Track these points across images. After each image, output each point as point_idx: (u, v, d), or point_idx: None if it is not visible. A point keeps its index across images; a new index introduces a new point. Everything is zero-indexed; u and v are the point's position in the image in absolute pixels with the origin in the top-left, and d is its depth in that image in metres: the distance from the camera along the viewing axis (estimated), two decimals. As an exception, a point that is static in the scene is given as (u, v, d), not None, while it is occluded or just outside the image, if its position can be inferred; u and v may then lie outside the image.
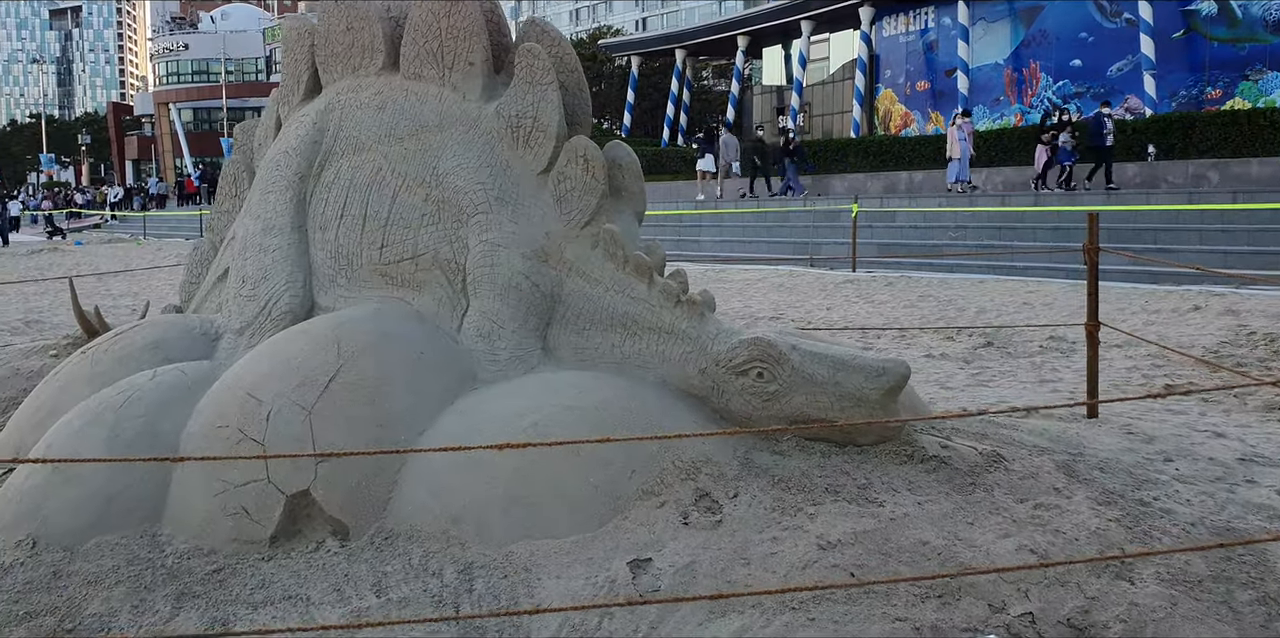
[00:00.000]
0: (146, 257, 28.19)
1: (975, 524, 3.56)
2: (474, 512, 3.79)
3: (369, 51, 5.33)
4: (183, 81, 70.75)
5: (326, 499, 3.97)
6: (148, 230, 39.02)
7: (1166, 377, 7.83)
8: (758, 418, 4.15)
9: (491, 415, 4.07)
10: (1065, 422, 5.96)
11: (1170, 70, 24.27)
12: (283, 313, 5.01)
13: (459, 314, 4.68)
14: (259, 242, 5.29)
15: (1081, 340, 9.69)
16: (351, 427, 4.10)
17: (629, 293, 4.49)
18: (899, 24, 32.13)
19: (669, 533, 3.56)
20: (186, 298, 6.22)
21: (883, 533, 3.47)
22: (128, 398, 4.52)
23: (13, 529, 4.16)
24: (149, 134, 71.98)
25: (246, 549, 3.94)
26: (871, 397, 4.00)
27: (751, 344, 4.13)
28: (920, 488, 3.77)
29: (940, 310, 12.57)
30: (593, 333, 4.53)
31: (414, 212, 4.85)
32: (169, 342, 5.18)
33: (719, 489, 3.73)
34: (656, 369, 4.37)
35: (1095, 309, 6.16)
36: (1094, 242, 6.03)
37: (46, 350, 6.47)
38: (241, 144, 6.22)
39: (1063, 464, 4.16)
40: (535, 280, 4.56)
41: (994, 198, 19.50)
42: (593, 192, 4.61)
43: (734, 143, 28.59)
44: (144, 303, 8.08)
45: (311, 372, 4.27)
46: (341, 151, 5.20)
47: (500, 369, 4.45)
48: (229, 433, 4.21)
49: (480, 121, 4.85)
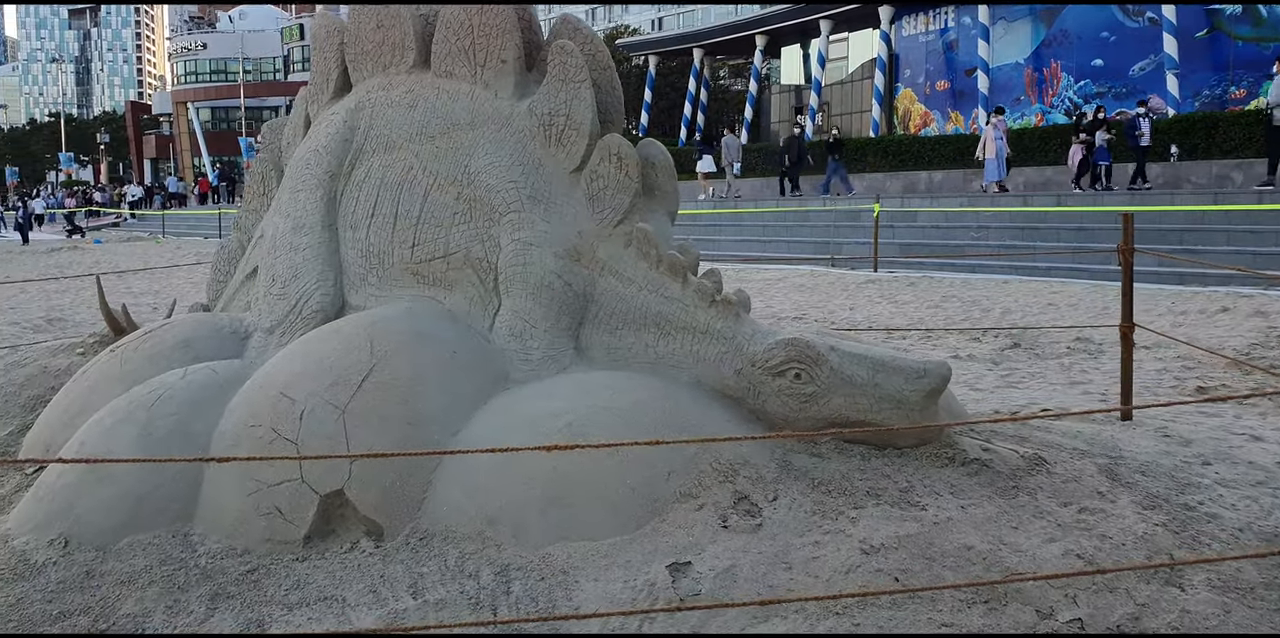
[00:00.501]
0: (166, 255, 28.31)
1: (1020, 529, 3.50)
2: (510, 513, 3.75)
3: (399, 49, 5.30)
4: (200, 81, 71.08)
5: (360, 499, 3.94)
6: (166, 229, 39.17)
7: (1198, 379, 7.74)
8: (795, 420, 4.10)
9: (526, 416, 4.03)
10: (1099, 424, 5.88)
11: (1193, 70, 24.07)
12: (313, 312, 4.99)
13: (491, 313, 4.65)
14: (289, 240, 5.26)
15: (1109, 342, 9.64)
16: (385, 426, 4.07)
17: (663, 292, 4.44)
18: (919, 23, 31.99)
19: (708, 536, 3.51)
20: (214, 296, 6.20)
21: (926, 537, 3.42)
22: (159, 397, 4.50)
23: (45, 528, 4.14)
24: (167, 133, 72.28)
25: (280, 549, 3.91)
26: (912, 399, 3.95)
27: (789, 345, 4.08)
28: (962, 492, 3.72)
29: (965, 311, 12.49)
30: (626, 333, 4.49)
31: (445, 210, 4.82)
32: (199, 340, 5.16)
33: (758, 492, 3.68)
34: (691, 369, 4.33)
35: (1130, 310, 6.09)
36: (1129, 242, 5.95)
37: (74, 349, 6.45)
38: (269, 143, 6.20)
39: (1104, 468, 4.09)
40: (568, 280, 4.52)
41: (1016, 198, 19.39)
42: (626, 190, 4.57)
43: (735, 144, 28.86)
44: (170, 301, 8.07)
45: (345, 371, 4.24)
46: (372, 150, 5.17)
47: (533, 369, 4.42)
48: (262, 432, 4.18)
49: (512, 119, 4.82)
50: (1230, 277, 13.45)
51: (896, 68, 32.80)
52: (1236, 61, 23.70)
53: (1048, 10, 27.62)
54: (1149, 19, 25.03)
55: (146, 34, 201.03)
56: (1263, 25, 23.46)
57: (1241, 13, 23.71)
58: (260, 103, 66.21)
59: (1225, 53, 23.94)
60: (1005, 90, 28.78)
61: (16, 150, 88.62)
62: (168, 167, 70.79)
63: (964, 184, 25.67)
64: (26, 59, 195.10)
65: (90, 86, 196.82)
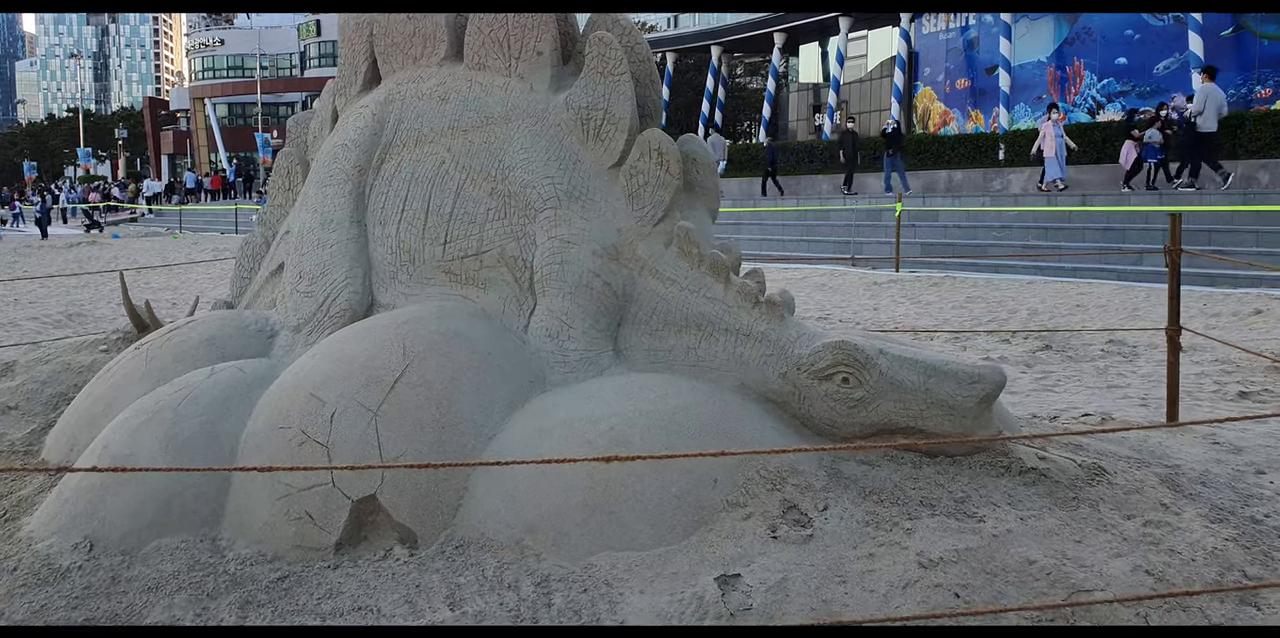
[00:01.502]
0: (183, 250, 28.30)
1: (1083, 542, 3.35)
2: (550, 521, 3.61)
3: (431, 41, 5.17)
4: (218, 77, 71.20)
5: (394, 505, 3.81)
6: (184, 224, 39.20)
7: (1239, 384, 7.57)
8: (842, 425, 3.96)
9: (565, 420, 3.90)
10: (1145, 430, 5.72)
11: (1219, 69, 23.76)
12: (341, 310, 4.86)
13: (526, 313, 4.51)
14: (316, 236, 5.14)
15: (1143, 344, 9.48)
16: (419, 430, 3.94)
17: (705, 293, 4.30)
18: (939, 21, 31.72)
19: (757, 547, 3.37)
20: (237, 293, 6.09)
21: (986, 551, 3.27)
22: (185, 396, 4.38)
23: (69, 531, 4.03)
24: (185, 129, 72.38)
25: (311, 556, 3.78)
26: (965, 405, 3.80)
27: (836, 348, 3.94)
28: (1020, 502, 3.57)
29: (991, 312, 12.31)
30: (666, 334, 4.35)
31: (479, 206, 4.69)
32: (224, 338, 5.05)
33: (807, 501, 3.54)
34: (734, 373, 4.19)
35: (1176, 313, 5.92)
36: (1176, 243, 5.79)
37: (97, 345, 6.35)
38: (295, 137, 6.08)
39: (1165, 478, 3.94)
40: (607, 279, 4.38)
41: (1040, 197, 19.16)
42: (667, 187, 4.43)
43: (721, 143, 28.99)
44: (192, 298, 7.96)
45: (376, 372, 4.11)
46: (403, 144, 5.04)
47: (570, 371, 4.28)
48: (291, 434, 4.06)
49: (548, 113, 4.68)
50: (1262, 278, 13.26)
51: (916, 66, 32.55)
52: (1262, 61, 23.42)
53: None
54: (1174, 17, 24.75)
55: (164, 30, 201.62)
56: (1290, 24, 23.17)
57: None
58: (277, 99, 66.28)
59: (1251, 52, 23.66)
60: (1027, 89, 28.53)
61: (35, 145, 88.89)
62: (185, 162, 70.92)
63: (984, 183, 25.43)
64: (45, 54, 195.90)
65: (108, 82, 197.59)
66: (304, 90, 66.53)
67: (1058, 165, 20.64)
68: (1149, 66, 25.40)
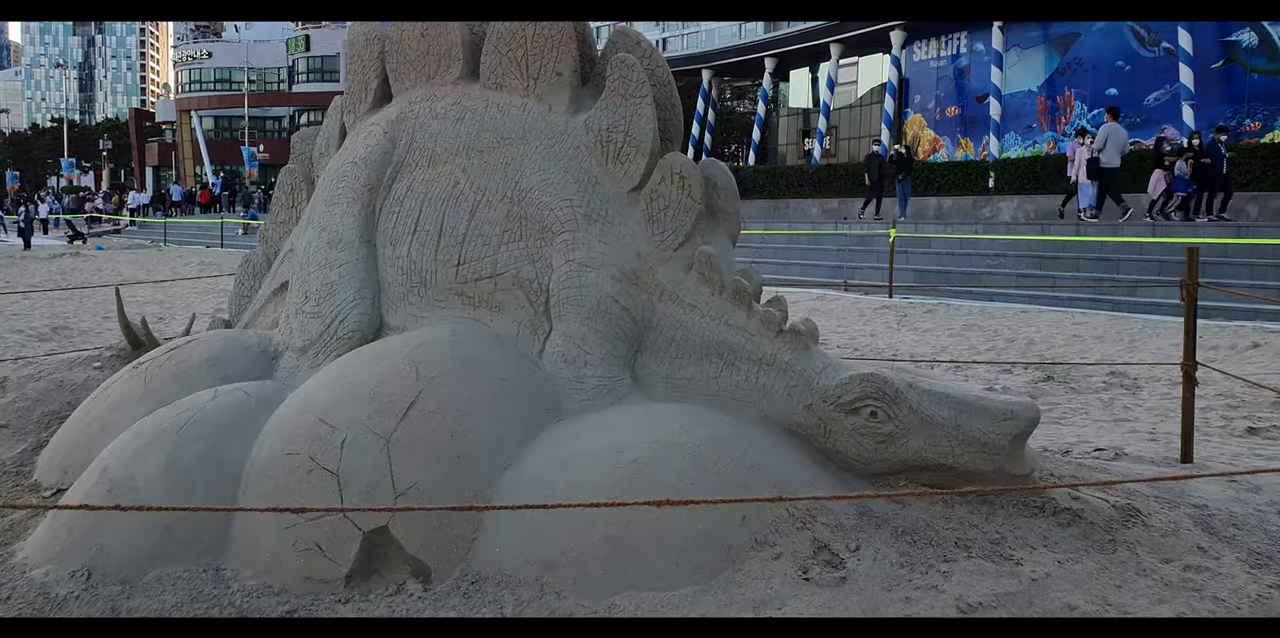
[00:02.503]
0: (168, 263, 28.03)
1: (1124, 588, 3.25)
2: (571, 558, 3.48)
3: (445, 59, 5.07)
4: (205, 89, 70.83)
5: (406, 537, 3.67)
6: (168, 237, 38.90)
7: (1246, 419, 7.49)
8: (869, 460, 3.86)
9: (584, 451, 3.77)
10: (1158, 465, 5.64)
11: (1208, 101, 23.95)
12: (350, 332, 4.74)
13: (541, 338, 4.39)
14: (324, 255, 5.02)
15: (1145, 377, 9.41)
16: (433, 459, 3.81)
17: (727, 320, 4.20)
18: (930, 49, 31.89)
19: (789, 589, 3.25)
20: (236, 311, 5.96)
21: (1026, 596, 3.16)
22: (188, 419, 4.24)
23: (65, 559, 3.88)
24: (170, 141, 72.06)
25: (320, 589, 3.64)
26: (998, 442, 3.70)
27: (865, 380, 3.84)
28: (1056, 545, 3.46)
29: (988, 340, 12.24)
30: (686, 362, 4.24)
31: (494, 228, 4.58)
32: (227, 359, 4.92)
33: (838, 541, 3.42)
34: (756, 403, 4.08)
35: (1193, 348, 5.84)
36: (1194, 277, 5.72)
37: (90, 362, 6.19)
38: (300, 153, 5.97)
39: (1199, 520, 3.85)
40: (625, 304, 4.27)
41: (1034, 226, 19.17)
42: (688, 211, 4.33)
43: None
44: (190, 315, 7.80)
45: (389, 398, 3.98)
46: (415, 163, 4.93)
47: (587, 398, 4.16)
48: (299, 461, 3.92)
49: (567, 135, 4.58)
50: (1258, 311, 13.25)
51: (907, 93, 32.67)
52: (1252, 94, 23.57)
53: (1062, 39, 27.53)
54: (1165, 49, 24.93)
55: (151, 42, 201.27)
56: (1278, 58, 23.35)
57: (1258, 45, 23.62)
58: (264, 113, 66.10)
59: (1241, 85, 23.82)
60: (1017, 117, 28.66)
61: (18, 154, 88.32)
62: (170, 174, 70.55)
63: (974, 210, 25.50)
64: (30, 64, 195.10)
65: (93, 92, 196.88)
66: (291, 105, 66.39)
67: (1093, 192, 19.40)
68: (1140, 97, 25.55)
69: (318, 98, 64.47)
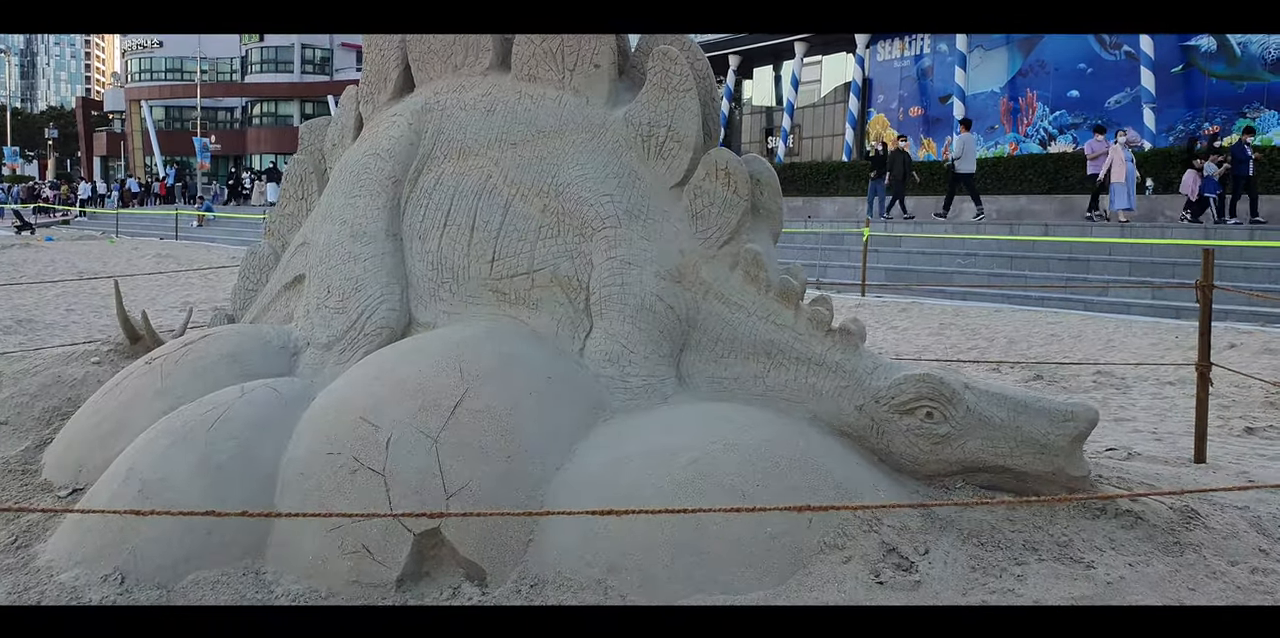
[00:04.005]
0: (122, 255, 27.44)
1: (1198, 591, 3.24)
2: (635, 560, 3.40)
3: (474, 49, 4.97)
4: (155, 79, 69.44)
5: (460, 539, 3.57)
6: (120, 228, 38.14)
7: (1241, 419, 7.58)
8: (924, 462, 3.82)
9: (641, 451, 3.69)
10: (1175, 467, 5.67)
11: (1168, 104, 24.32)
12: (378, 328, 4.61)
13: (581, 336, 4.30)
14: (347, 249, 4.89)
15: (1133, 377, 9.51)
16: (483, 458, 3.71)
17: (774, 320, 4.14)
18: (894, 49, 32.08)
19: (863, 593, 3.20)
20: (241, 305, 5.80)
21: (1103, 599, 3.13)
22: (218, 416, 4.10)
23: (96, 562, 3.73)
24: (119, 131, 70.63)
25: (370, 593, 3.53)
26: (1057, 443, 3.68)
27: (920, 380, 3.80)
28: (1123, 547, 3.44)
29: (969, 339, 12.30)
30: (732, 361, 4.17)
31: (530, 223, 4.48)
32: (246, 354, 4.78)
33: (906, 544, 3.37)
34: (806, 403, 4.02)
35: (1207, 349, 5.88)
36: (1209, 278, 5.75)
37: (88, 357, 6.00)
38: (309, 144, 5.82)
39: (1252, 522, 3.85)
40: (670, 302, 4.19)
41: (1003, 226, 19.32)
42: (734, 208, 4.26)
43: None
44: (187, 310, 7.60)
45: (434, 396, 3.88)
46: (443, 156, 4.81)
47: (632, 397, 4.08)
48: (342, 461, 3.81)
49: (606, 128, 4.49)
50: (1228, 312, 13.44)
51: (870, 92, 32.85)
52: (1210, 98, 23.96)
53: (1025, 41, 27.79)
54: (1126, 53, 25.26)
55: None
56: (1236, 64, 23.76)
57: (1216, 50, 24.01)
58: (216, 103, 64.93)
59: (1200, 89, 24.20)
60: (980, 119, 28.82)
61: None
62: (118, 164, 69.18)
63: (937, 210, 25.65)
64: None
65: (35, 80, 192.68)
66: (245, 96, 65.34)
67: (1127, 194, 18.51)
68: (1100, 100, 25.87)
69: (271, 89, 63.55)
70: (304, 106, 62.70)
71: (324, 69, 65.04)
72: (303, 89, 62.91)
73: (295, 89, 62.96)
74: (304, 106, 62.70)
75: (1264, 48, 23.26)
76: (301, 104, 62.64)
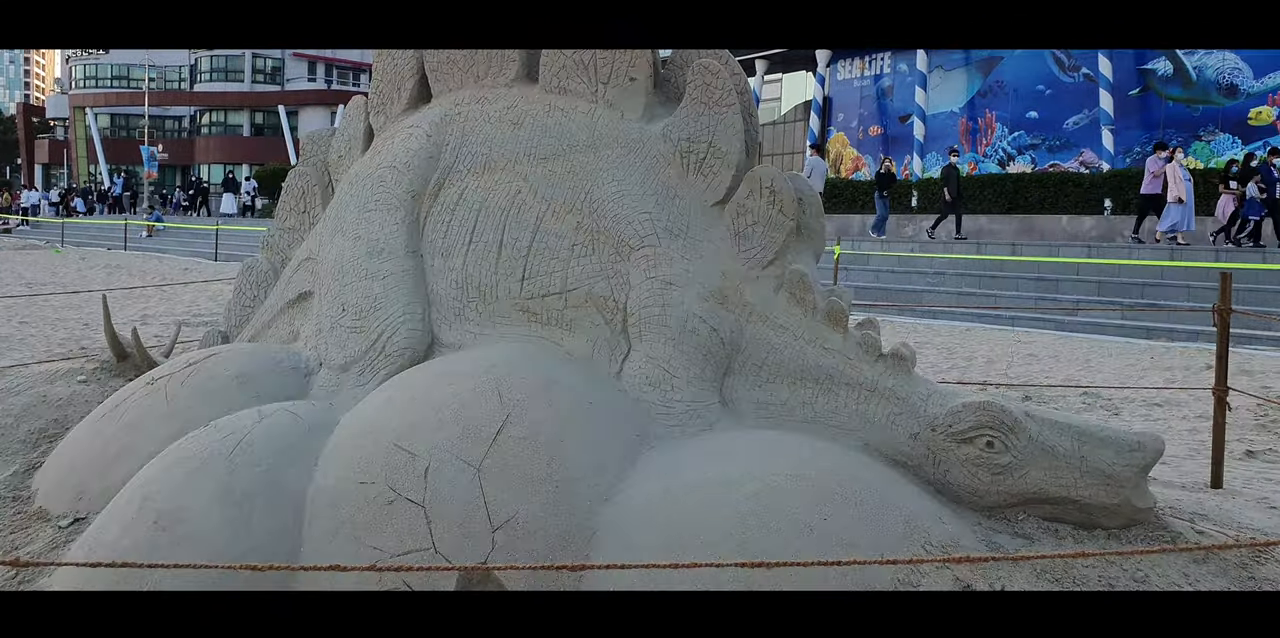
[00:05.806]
0: (70, 265, 26.81)
1: (1285, 629, 3.13)
2: (700, 598, 3.23)
3: (498, 59, 4.79)
4: (101, 86, 68.14)
5: (508, 574, 3.38)
6: (65, 238, 37.28)
7: (1239, 441, 7.57)
8: (984, 493, 3.69)
9: (697, 482, 3.52)
10: (1193, 492, 5.61)
11: (1126, 127, 24.70)
12: (400, 349, 4.41)
13: (619, 359, 4.13)
14: (363, 266, 4.68)
15: (1119, 398, 9.51)
16: (530, 488, 3.52)
17: (822, 344, 4.00)
18: (854, 68, 32.31)
19: (943, 632, 3.05)
20: (238, 322, 5.56)
21: None
22: (237, 442, 3.87)
23: (112, 599, 3.48)
24: (62, 138, 69.20)
25: (413, 633, 3.32)
26: (1124, 474, 3.57)
27: (980, 408, 3.68)
28: (1200, 582, 3.34)
29: (947, 359, 12.29)
30: (778, 387, 4.03)
31: (562, 241, 4.30)
32: (256, 376, 4.55)
33: (980, 580, 3.24)
34: (858, 431, 3.88)
35: (1225, 372, 5.84)
36: (1226, 302, 5.73)
37: (73, 375, 5.72)
38: (312, 155, 5.61)
39: (1312, 554, 3.76)
40: (713, 324, 4.04)
41: (971, 246, 19.43)
42: (779, 228, 4.12)
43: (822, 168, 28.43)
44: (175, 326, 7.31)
45: (473, 422, 3.68)
46: (466, 170, 4.63)
47: (676, 424, 3.91)
48: (376, 491, 3.60)
49: (644, 144, 4.33)
50: (1198, 332, 13.57)
51: (830, 111, 33.04)
52: (1167, 121, 24.35)
53: (984, 62, 28.12)
54: (1084, 75, 25.63)
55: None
56: (1192, 88, 24.19)
57: (1173, 74, 24.43)
58: (163, 112, 63.89)
59: (1157, 112, 24.60)
60: (939, 138, 29.16)
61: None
62: (61, 173, 67.76)
63: (897, 229, 25.78)
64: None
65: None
66: (194, 105, 64.40)
67: (1187, 214, 17.86)
68: (1059, 121, 26.21)
69: (220, 98, 62.65)
70: (254, 116, 61.90)
71: (275, 79, 64.29)
72: (253, 98, 62.09)
73: (245, 98, 62.11)
74: (254, 116, 61.90)
75: (1219, 72, 23.71)
76: (252, 113, 61.84)
